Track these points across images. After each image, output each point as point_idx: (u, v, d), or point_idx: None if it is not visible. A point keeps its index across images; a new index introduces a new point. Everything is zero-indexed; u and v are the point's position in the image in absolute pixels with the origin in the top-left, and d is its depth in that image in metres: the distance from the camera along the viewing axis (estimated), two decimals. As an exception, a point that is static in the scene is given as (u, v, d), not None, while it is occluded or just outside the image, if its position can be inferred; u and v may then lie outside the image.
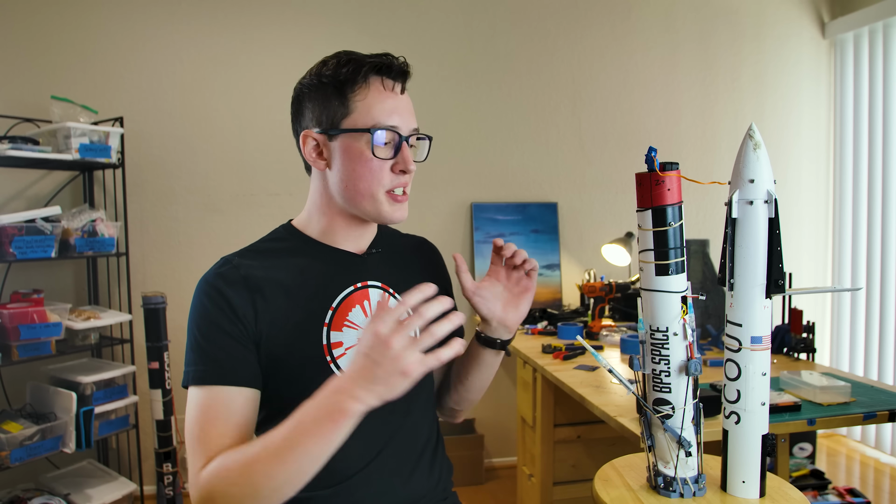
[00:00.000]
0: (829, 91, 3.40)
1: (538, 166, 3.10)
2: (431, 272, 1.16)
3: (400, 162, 0.99)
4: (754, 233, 0.86)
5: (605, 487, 0.94)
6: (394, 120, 0.98)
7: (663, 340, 0.89)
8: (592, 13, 3.12)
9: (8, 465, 2.03)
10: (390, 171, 0.99)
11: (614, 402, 1.62)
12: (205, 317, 0.96)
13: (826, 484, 2.46)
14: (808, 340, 2.00)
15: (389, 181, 0.99)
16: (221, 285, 0.97)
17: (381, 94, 0.98)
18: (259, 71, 2.80)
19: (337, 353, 0.99)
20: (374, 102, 0.98)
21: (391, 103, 0.98)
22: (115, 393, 2.38)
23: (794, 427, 1.45)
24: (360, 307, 1.03)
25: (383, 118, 0.97)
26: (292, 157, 3.18)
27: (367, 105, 0.97)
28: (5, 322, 2.08)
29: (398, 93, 1.00)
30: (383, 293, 1.05)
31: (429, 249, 1.22)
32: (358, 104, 0.98)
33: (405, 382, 0.76)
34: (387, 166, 0.99)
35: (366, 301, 1.03)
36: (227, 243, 2.84)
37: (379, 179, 0.99)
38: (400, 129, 0.98)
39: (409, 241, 1.20)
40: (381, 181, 0.99)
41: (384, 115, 0.97)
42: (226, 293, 0.96)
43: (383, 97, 0.98)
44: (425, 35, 2.95)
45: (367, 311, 1.03)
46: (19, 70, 2.56)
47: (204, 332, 0.95)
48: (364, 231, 1.07)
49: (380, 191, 0.99)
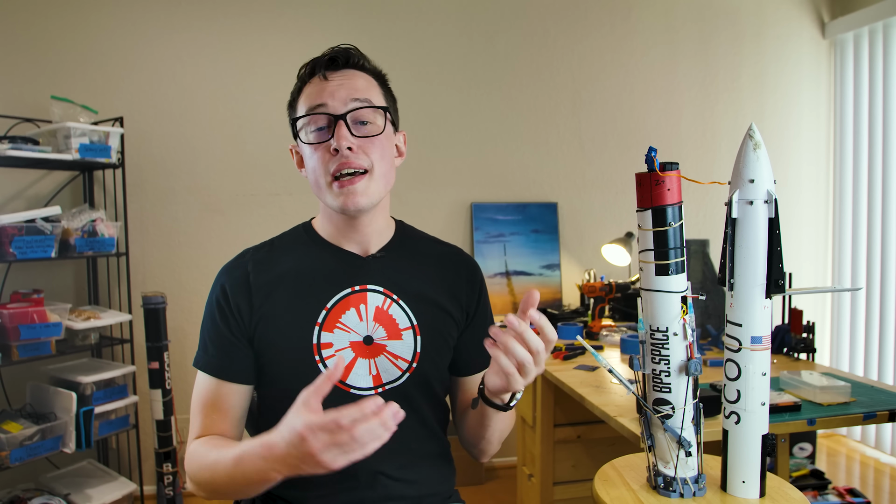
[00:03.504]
0: (829, 91, 3.40)
1: (538, 166, 3.10)
2: (449, 286, 1.09)
3: (333, 141, 0.96)
4: (754, 233, 0.86)
5: (605, 487, 0.94)
6: (320, 100, 0.97)
7: (663, 340, 0.89)
8: (592, 13, 3.12)
9: (8, 465, 2.03)
10: (329, 154, 0.97)
11: (614, 402, 1.62)
12: (210, 309, 1.04)
13: (826, 484, 2.46)
14: (808, 340, 2.00)
15: (330, 165, 0.97)
16: (225, 280, 1.03)
17: (309, 87, 1.01)
18: (259, 71, 2.80)
19: (326, 353, 1.00)
20: (304, 97, 1.01)
21: (315, 90, 0.99)
22: (115, 393, 2.38)
23: (794, 427, 1.45)
24: (356, 310, 1.02)
25: (311, 102, 0.99)
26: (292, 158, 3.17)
27: (301, 102, 1.01)
28: (5, 322, 2.08)
29: (323, 79, 0.99)
30: (385, 298, 1.04)
31: (457, 263, 1.13)
32: (298, 105, 1.02)
33: (328, 468, 0.75)
34: (325, 151, 0.97)
35: (362, 305, 1.02)
36: (227, 243, 2.87)
37: (321, 166, 0.98)
38: (328, 108, 0.97)
39: (437, 249, 1.14)
40: (322, 168, 0.98)
41: (310, 101, 0.99)
42: (228, 289, 1.02)
43: (310, 89, 1.00)
44: (425, 35, 2.95)
45: (361, 315, 1.02)
46: (19, 70, 2.56)
47: (207, 324, 1.04)
48: (365, 231, 1.05)
49: (324, 180, 0.98)
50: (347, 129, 0.96)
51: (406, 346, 1.03)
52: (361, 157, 0.97)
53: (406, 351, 1.03)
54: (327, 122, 0.97)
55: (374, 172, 0.99)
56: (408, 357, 1.03)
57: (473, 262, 1.15)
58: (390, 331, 1.03)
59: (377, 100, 1.01)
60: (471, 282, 1.12)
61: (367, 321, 1.02)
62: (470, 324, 1.12)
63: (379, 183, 1.00)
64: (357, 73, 1.01)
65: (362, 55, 1.04)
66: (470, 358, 1.12)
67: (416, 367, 1.03)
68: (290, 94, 1.06)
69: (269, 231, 1.18)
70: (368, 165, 0.98)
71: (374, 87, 1.02)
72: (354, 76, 1.00)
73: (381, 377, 1.02)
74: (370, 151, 0.98)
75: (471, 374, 1.13)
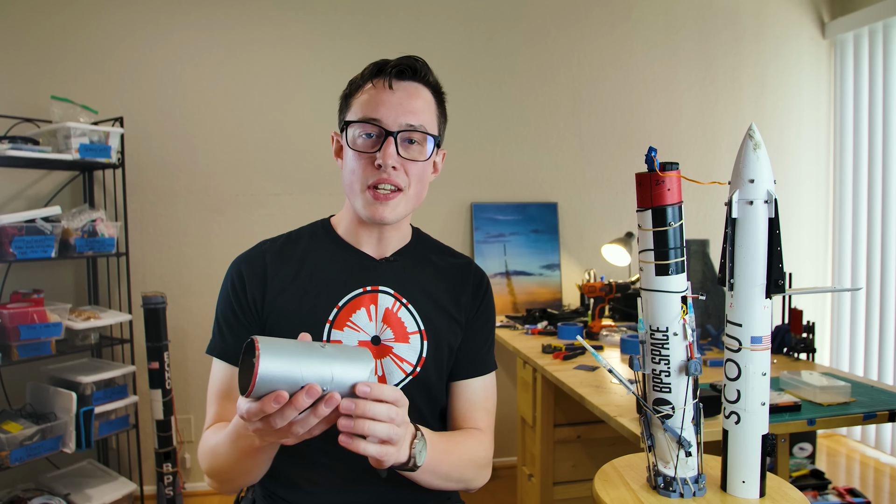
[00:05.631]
0: (829, 91, 3.40)
1: (538, 166, 3.10)
2: (456, 296, 1.10)
3: (378, 156, 0.97)
4: (754, 233, 0.86)
5: (605, 487, 0.94)
6: (377, 113, 0.98)
7: (663, 340, 0.89)
8: (592, 13, 3.12)
9: (8, 465, 2.03)
10: (372, 167, 0.98)
11: (614, 402, 1.62)
12: (224, 296, 1.04)
13: (826, 484, 2.46)
14: (808, 340, 2.00)
15: (370, 176, 0.98)
16: (243, 269, 1.04)
17: (370, 90, 1.01)
18: (259, 71, 2.80)
19: None
20: (363, 99, 1.01)
21: (376, 97, 0.99)
22: (115, 393, 2.38)
23: (794, 427, 1.45)
24: (366, 310, 1.03)
25: (367, 112, 0.99)
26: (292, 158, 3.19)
27: (359, 102, 1.01)
28: (5, 322, 2.08)
29: (387, 88, 0.99)
30: (395, 301, 1.05)
31: (466, 273, 1.13)
32: (353, 102, 1.02)
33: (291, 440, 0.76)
34: (369, 161, 0.98)
35: (373, 305, 1.03)
36: (227, 243, 2.87)
37: (359, 174, 0.99)
38: (382, 122, 0.98)
39: (449, 260, 1.14)
40: (361, 176, 0.99)
41: (368, 109, 0.99)
42: (244, 278, 1.03)
43: (371, 93, 1.00)
44: (425, 35, 2.95)
45: (371, 315, 1.03)
46: (19, 70, 2.56)
47: (221, 310, 1.04)
48: (383, 235, 1.06)
49: (360, 186, 0.99)
50: (395, 148, 0.98)
51: (412, 350, 1.04)
52: (401, 176, 0.99)
53: (412, 355, 1.04)
54: (377, 133, 0.98)
55: (409, 192, 1.01)
56: (412, 361, 1.04)
57: (482, 274, 1.16)
58: (398, 333, 1.04)
59: (430, 124, 1.02)
60: (476, 290, 1.13)
61: (377, 322, 1.03)
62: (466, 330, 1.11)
63: (410, 202, 1.03)
64: (420, 87, 1.02)
65: (429, 69, 1.05)
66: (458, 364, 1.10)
67: (420, 372, 1.04)
68: (347, 83, 1.05)
69: (270, 231, 1.18)
70: (405, 185, 1.00)
71: (430, 107, 1.04)
72: (417, 91, 1.01)
73: (385, 378, 1.02)
74: (410, 172, 1.00)
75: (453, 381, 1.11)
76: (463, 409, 1.09)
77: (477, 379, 1.10)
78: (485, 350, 1.12)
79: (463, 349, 1.10)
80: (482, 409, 1.10)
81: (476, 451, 1.05)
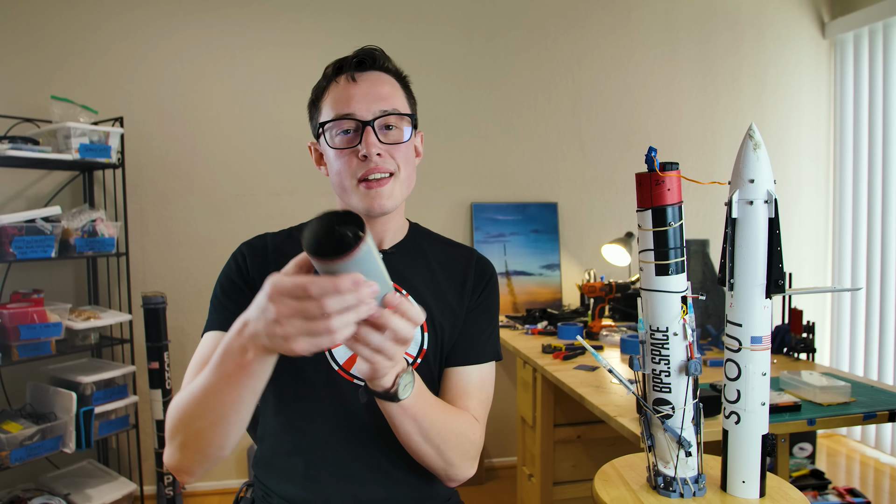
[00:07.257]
0: (829, 91, 3.40)
1: (538, 166, 3.10)
2: (458, 285, 1.09)
3: (361, 147, 0.98)
4: (754, 233, 0.86)
5: (605, 487, 0.94)
6: (349, 108, 0.99)
7: (663, 340, 0.89)
8: (592, 13, 3.12)
9: (8, 465, 2.03)
10: (357, 160, 0.99)
11: (614, 402, 1.62)
12: (227, 274, 1.05)
13: (826, 484, 2.46)
14: (808, 340, 2.00)
15: (357, 169, 0.99)
16: (247, 252, 1.06)
17: (336, 89, 1.02)
18: (259, 71, 2.80)
19: None
20: (331, 99, 1.02)
21: (343, 93, 1.01)
22: (115, 393, 2.38)
23: (794, 427, 1.45)
24: None
25: (339, 109, 1.00)
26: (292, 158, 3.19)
27: (328, 103, 1.03)
28: (5, 322, 2.08)
29: (352, 81, 1.01)
30: None
31: (468, 261, 1.12)
32: (322, 105, 1.04)
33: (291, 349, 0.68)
34: (353, 155, 0.99)
35: None
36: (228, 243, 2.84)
37: (346, 171, 1.00)
38: (356, 115, 0.99)
39: (450, 251, 1.14)
40: (349, 172, 1.00)
41: (339, 107, 1.00)
42: (248, 260, 1.05)
43: (338, 90, 1.02)
44: (425, 35, 2.95)
45: None
46: (19, 70, 2.56)
47: (223, 287, 1.04)
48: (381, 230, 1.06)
49: (350, 182, 1.00)
50: (375, 136, 0.99)
51: (413, 342, 1.03)
52: (388, 161, 1.00)
53: (412, 346, 1.03)
54: (354, 127, 1.00)
55: (400, 175, 1.02)
56: (413, 352, 1.03)
57: (486, 263, 1.14)
58: None
59: (402, 106, 1.03)
60: (479, 279, 1.11)
61: None
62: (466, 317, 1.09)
63: (403, 186, 1.03)
64: (382, 75, 1.04)
65: (387, 57, 1.06)
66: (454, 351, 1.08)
67: (421, 363, 1.03)
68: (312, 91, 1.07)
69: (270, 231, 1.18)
70: (394, 169, 1.01)
71: (398, 91, 1.05)
72: (380, 79, 1.03)
73: None
74: (396, 156, 1.01)
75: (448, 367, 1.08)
76: (455, 396, 1.04)
77: (473, 367, 1.06)
78: (483, 339, 1.09)
79: (461, 336, 1.08)
80: (475, 399, 1.05)
81: (464, 429, 0.98)
